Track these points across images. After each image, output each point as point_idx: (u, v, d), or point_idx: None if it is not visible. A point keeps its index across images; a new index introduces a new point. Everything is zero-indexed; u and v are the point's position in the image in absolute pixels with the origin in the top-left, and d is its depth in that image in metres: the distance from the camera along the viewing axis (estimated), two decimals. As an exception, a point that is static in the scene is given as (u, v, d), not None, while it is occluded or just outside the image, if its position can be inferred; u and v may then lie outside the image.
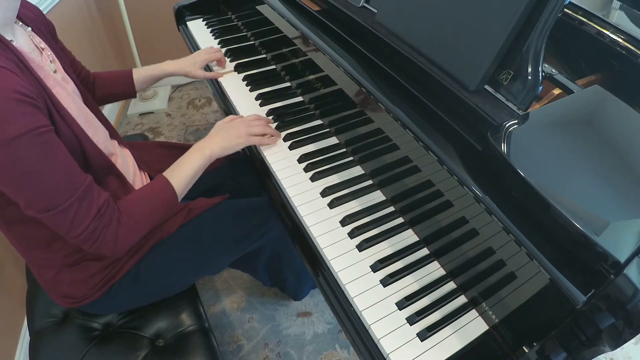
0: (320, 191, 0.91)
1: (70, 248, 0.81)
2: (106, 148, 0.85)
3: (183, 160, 0.88)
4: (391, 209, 0.88)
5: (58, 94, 0.73)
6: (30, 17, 0.82)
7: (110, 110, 2.25)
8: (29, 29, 0.79)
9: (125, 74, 1.13)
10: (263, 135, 0.99)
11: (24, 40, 0.75)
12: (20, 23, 0.78)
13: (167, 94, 2.45)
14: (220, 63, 1.29)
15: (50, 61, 0.79)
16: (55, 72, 0.79)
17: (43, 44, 0.80)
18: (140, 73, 1.15)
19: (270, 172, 0.97)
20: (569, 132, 0.63)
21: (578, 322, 0.53)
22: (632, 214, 0.54)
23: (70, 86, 0.83)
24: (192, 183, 0.89)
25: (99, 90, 1.09)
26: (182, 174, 0.86)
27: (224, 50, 1.37)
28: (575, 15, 0.79)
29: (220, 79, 1.26)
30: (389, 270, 0.77)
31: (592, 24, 0.77)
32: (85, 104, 0.85)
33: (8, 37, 0.68)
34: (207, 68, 1.31)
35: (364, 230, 0.83)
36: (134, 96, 1.16)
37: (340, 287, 0.76)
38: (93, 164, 0.77)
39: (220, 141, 0.93)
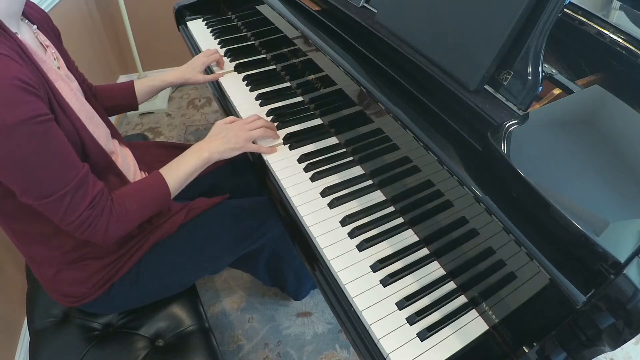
0: (320, 191, 0.91)
1: (69, 245, 0.81)
2: (107, 146, 0.85)
3: (181, 159, 0.89)
4: (391, 209, 0.88)
5: (60, 88, 0.74)
6: (36, 17, 0.83)
7: (110, 110, 2.24)
8: (35, 27, 0.79)
9: (127, 86, 1.12)
10: (262, 138, 1.00)
11: (29, 36, 0.75)
12: (27, 20, 0.78)
13: (167, 94, 2.45)
14: (219, 64, 1.29)
15: (54, 59, 0.80)
16: (58, 68, 0.79)
17: (48, 42, 0.81)
18: (141, 85, 1.13)
19: (270, 172, 0.97)
20: (569, 132, 0.63)
21: (578, 322, 0.53)
22: (632, 214, 0.54)
23: (74, 84, 0.83)
24: (187, 182, 0.89)
25: (100, 103, 1.07)
26: (178, 173, 0.86)
27: (223, 50, 1.37)
28: (575, 15, 0.79)
29: (220, 79, 1.26)
30: (389, 270, 0.77)
31: (592, 24, 0.77)
32: (88, 102, 0.85)
33: (13, 30, 0.68)
34: (208, 70, 1.31)
35: (364, 230, 0.83)
36: (136, 108, 1.15)
37: (340, 287, 0.76)
38: (93, 160, 0.77)
39: (218, 145, 0.92)
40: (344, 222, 0.85)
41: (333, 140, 1.04)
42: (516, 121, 0.62)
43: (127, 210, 0.77)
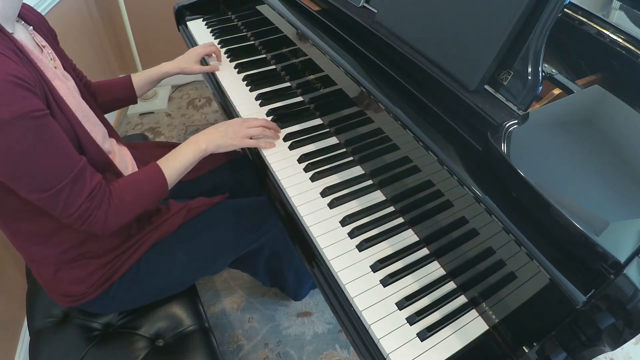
0: (320, 191, 0.91)
1: (67, 244, 0.81)
2: (104, 145, 0.85)
3: (178, 151, 0.91)
4: (391, 209, 0.88)
5: (57, 86, 0.74)
6: (32, 19, 0.83)
7: (110, 110, 2.24)
8: (31, 27, 0.79)
9: (125, 79, 1.13)
10: (260, 137, 1.00)
11: (25, 36, 0.76)
12: (23, 22, 0.78)
13: (167, 94, 2.45)
14: (217, 57, 1.30)
15: (51, 59, 0.80)
16: (55, 68, 0.79)
17: (44, 43, 0.81)
18: (139, 77, 1.15)
19: (270, 172, 0.97)
20: (569, 132, 0.63)
21: (578, 322, 0.53)
22: (632, 214, 0.54)
23: (70, 83, 0.83)
24: (184, 174, 0.91)
25: (100, 98, 1.09)
26: (175, 165, 0.88)
27: (224, 50, 1.37)
28: (575, 15, 0.79)
29: (220, 79, 1.26)
30: (389, 270, 0.77)
31: (592, 24, 0.77)
32: (85, 101, 0.85)
33: (9, 30, 0.69)
34: (204, 62, 1.31)
35: (364, 230, 0.83)
36: (135, 101, 1.16)
37: (340, 287, 0.76)
38: (90, 159, 0.77)
39: (216, 138, 0.94)
40: (344, 222, 0.85)
41: (333, 140, 1.04)
42: (516, 121, 0.62)
43: (125, 202, 0.78)
